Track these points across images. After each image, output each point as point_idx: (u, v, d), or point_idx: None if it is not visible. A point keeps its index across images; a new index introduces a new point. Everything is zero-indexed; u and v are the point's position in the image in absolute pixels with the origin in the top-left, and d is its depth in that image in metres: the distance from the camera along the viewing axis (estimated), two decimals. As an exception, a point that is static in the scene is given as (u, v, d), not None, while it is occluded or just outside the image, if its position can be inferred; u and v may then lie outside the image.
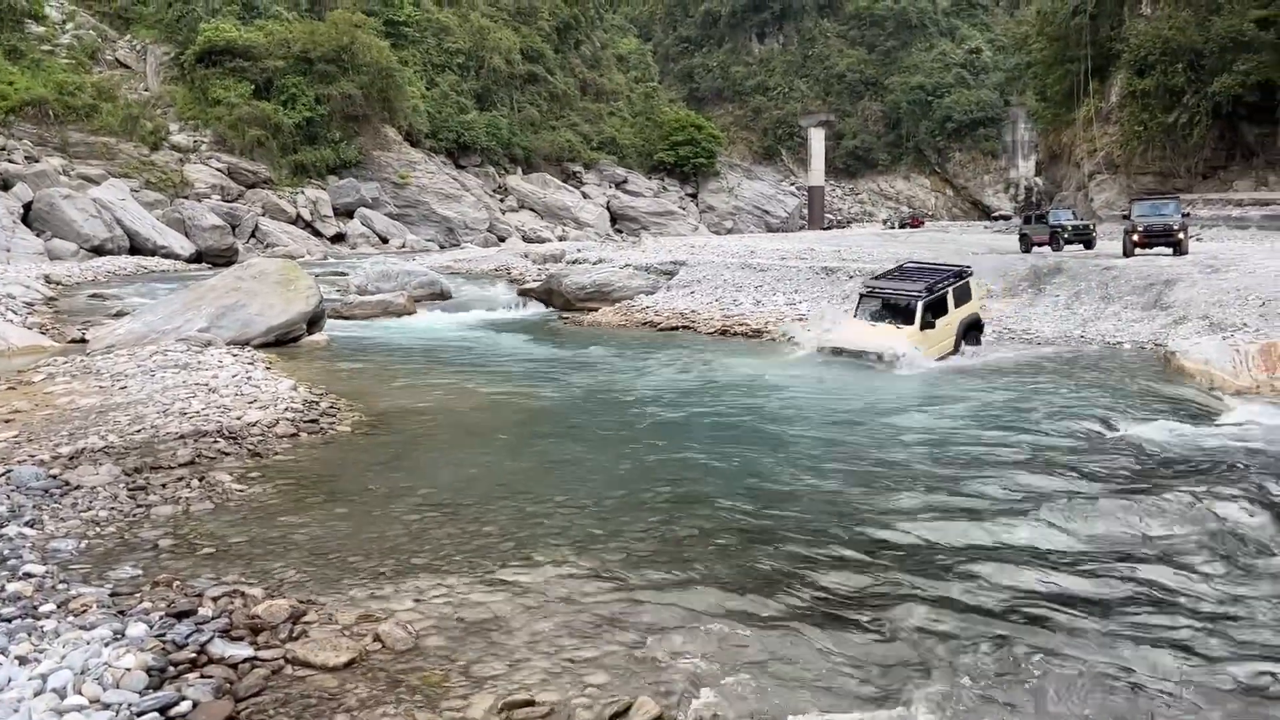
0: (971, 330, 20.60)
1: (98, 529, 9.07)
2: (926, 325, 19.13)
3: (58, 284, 36.31)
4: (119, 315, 25.80)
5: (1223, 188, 48.74)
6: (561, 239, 71.88)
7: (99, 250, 47.00)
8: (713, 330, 25.51)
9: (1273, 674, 6.39)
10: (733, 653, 6.62)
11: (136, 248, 49.11)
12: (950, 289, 20.00)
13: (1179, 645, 6.79)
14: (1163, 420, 13.84)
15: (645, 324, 27.21)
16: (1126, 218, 31.38)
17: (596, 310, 29.79)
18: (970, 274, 21.20)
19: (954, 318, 19.93)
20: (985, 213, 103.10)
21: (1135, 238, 29.40)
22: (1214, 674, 6.40)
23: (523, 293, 35.08)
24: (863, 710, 5.91)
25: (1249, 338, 18.72)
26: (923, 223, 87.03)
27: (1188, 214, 31.99)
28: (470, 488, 10.73)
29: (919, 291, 19.53)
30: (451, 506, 9.93)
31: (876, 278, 21.87)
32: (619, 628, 7.00)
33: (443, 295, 34.27)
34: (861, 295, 20.81)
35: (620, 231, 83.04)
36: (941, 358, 19.50)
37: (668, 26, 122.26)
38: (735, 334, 24.81)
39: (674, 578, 7.95)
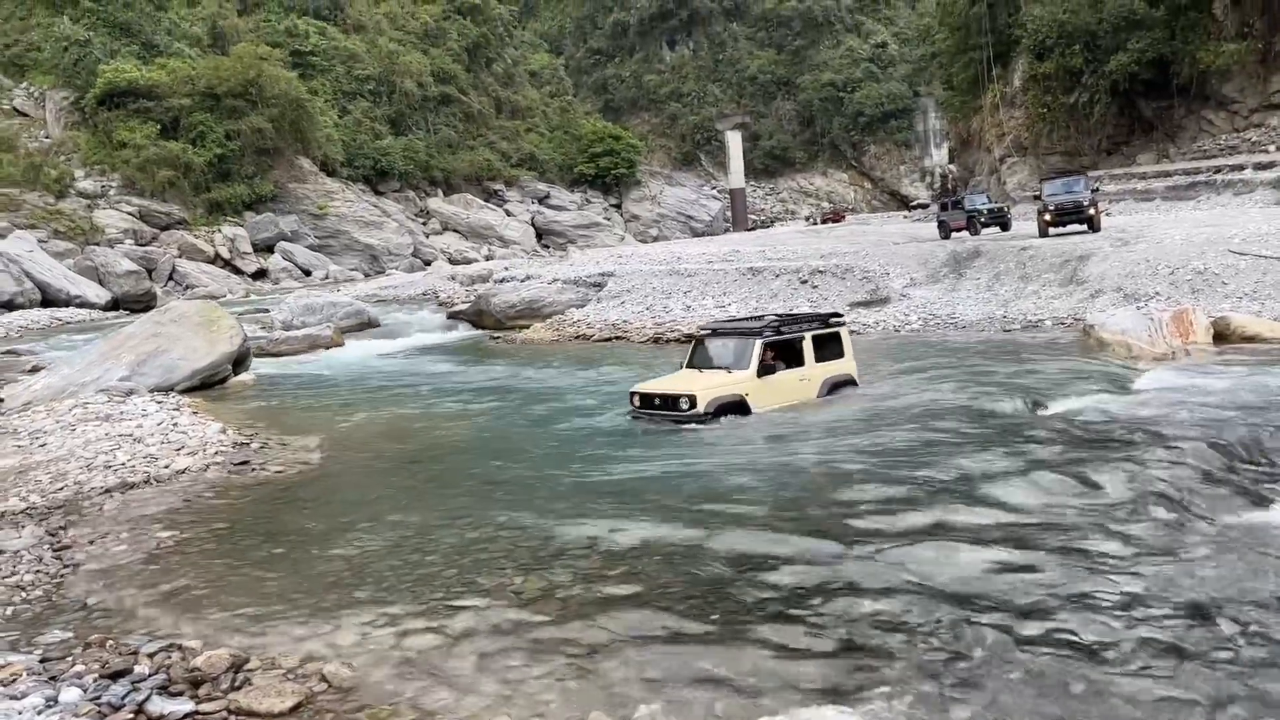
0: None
1: (23, 593, 8.76)
2: (766, 371, 14.64)
3: (-33, 343, 35.06)
4: (35, 371, 24.97)
5: (1126, 162, 50.24)
6: (488, 258, 71.53)
7: (9, 305, 45.58)
8: (646, 339, 25.57)
9: (1210, 632, 6.58)
10: (684, 661, 6.60)
11: (49, 300, 47.68)
12: (808, 334, 15.31)
13: (1119, 613, 6.93)
14: (1084, 394, 14.22)
15: (578, 337, 27.17)
16: (1038, 198, 32.15)
17: (528, 327, 29.69)
18: (841, 323, 16.20)
19: (814, 373, 15.23)
20: (904, 202, 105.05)
21: (1048, 216, 30.10)
22: (1157, 636, 6.56)
23: (452, 315, 34.83)
24: (818, 706, 5.92)
25: (1162, 306, 19.36)
26: (844, 216, 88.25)
27: (1097, 189, 32.83)
28: (410, 518, 10.56)
29: (759, 329, 15.08)
30: (391, 538, 9.76)
31: (721, 322, 17.99)
32: (569, 646, 6.95)
33: (370, 324, 33.88)
34: (696, 341, 16.02)
35: (547, 247, 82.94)
36: None
37: (578, 39, 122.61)
38: (669, 341, 24.90)
39: (621, 592, 7.92)
